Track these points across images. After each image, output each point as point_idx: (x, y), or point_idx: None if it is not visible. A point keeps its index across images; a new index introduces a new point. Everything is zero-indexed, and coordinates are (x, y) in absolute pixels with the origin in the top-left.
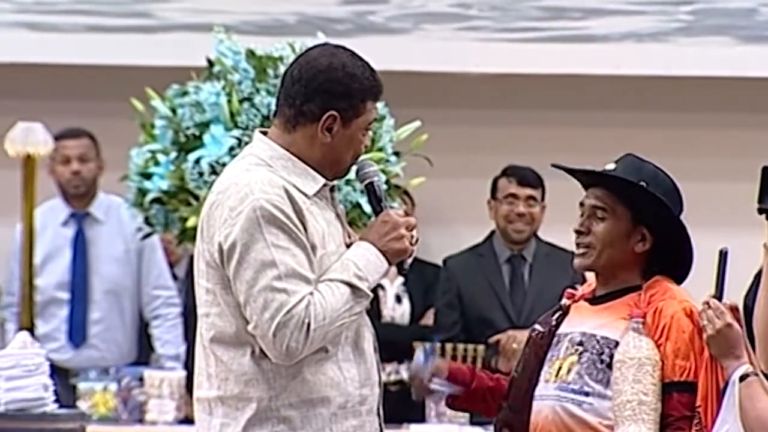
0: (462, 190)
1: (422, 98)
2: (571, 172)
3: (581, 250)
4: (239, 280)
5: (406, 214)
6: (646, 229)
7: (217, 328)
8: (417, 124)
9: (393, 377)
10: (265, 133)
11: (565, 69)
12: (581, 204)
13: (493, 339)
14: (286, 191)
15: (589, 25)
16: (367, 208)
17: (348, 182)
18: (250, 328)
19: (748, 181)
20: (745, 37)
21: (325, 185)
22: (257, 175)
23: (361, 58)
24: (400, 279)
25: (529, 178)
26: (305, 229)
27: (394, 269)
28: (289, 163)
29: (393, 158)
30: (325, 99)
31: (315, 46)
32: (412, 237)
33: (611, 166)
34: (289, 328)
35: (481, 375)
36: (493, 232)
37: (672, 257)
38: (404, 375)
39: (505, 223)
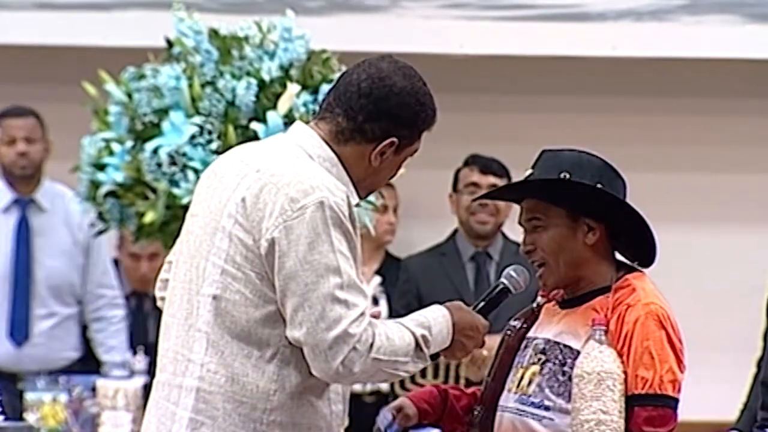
0: (447, 181)
1: None
2: (488, 197)
3: (539, 270)
4: (295, 281)
5: (384, 208)
6: (588, 219)
7: (227, 316)
8: None
9: (369, 387)
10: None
11: (557, 50)
12: (520, 223)
13: None
14: (348, 198)
15: (583, 3)
16: None
17: None
18: (298, 334)
19: (759, 173)
20: (754, 16)
21: (357, 204)
22: (320, 171)
23: (425, 83)
24: (377, 279)
25: (492, 166)
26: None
27: (372, 268)
28: (335, 170)
29: None
30: (390, 124)
31: (382, 58)
32: (474, 347)
33: (529, 172)
34: (348, 345)
35: (454, 396)
36: (456, 231)
37: (630, 238)
38: (381, 385)
39: (467, 216)
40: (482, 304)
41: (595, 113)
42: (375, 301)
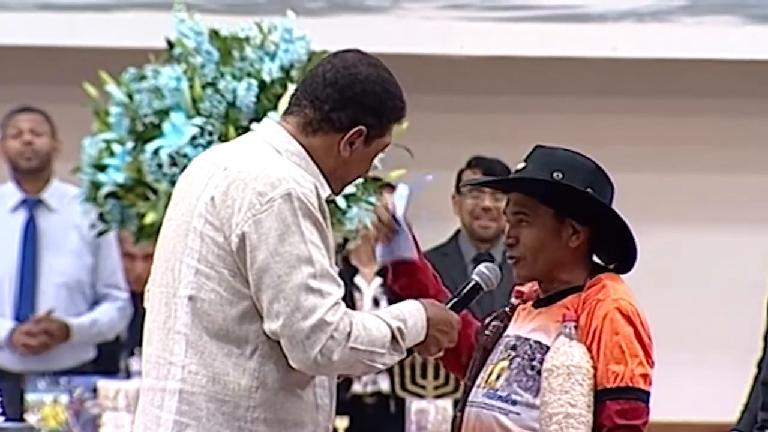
0: (447, 182)
1: (402, 83)
2: (482, 185)
3: (515, 261)
4: (268, 273)
5: (386, 209)
6: (574, 222)
7: (205, 316)
8: None
9: (370, 388)
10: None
11: (558, 51)
12: (504, 213)
13: None
14: (316, 189)
15: (584, 4)
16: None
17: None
18: (275, 326)
19: (759, 173)
20: (754, 16)
21: (328, 196)
22: (286, 164)
23: (393, 76)
24: (378, 280)
25: (495, 170)
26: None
27: (373, 269)
28: (303, 163)
29: None
30: (357, 111)
31: (347, 50)
32: (447, 343)
33: (522, 165)
34: (325, 333)
35: (436, 282)
36: (458, 231)
37: (613, 245)
38: (382, 386)
39: (470, 219)
40: (455, 300)
41: (595, 114)
42: (376, 302)
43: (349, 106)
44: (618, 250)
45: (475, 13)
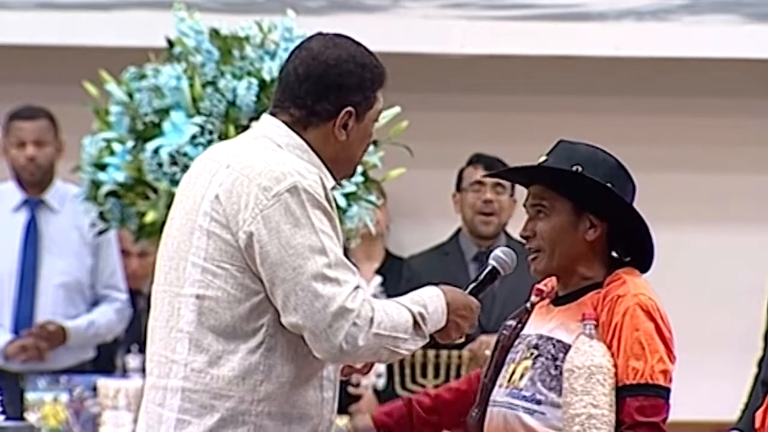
0: (443, 181)
1: (402, 82)
2: (498, 175)
3: (532, 255)
4: (282, 267)
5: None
6: (592, 215)
7: (211, 314)
8: (396, 110)
9: (370, 387)
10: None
11: (559, 50)
12: (524, 206)
13: (465, 349)
14: (321, 180)
15: (585, 2)
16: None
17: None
18: (295, 319)
19: (759, 173)
20: (754, 15)
21: (333, 187)
22: (289, 158)
23: (361, 44)
24: (378, 279)
25: (496, 165)
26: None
27: (372, 267)
28: (306, 155)
29: (370, 147)
30: (339, 96)
31: (310, 38)
32: (468, 328)
33: (543, 158)
34: (348, 320)
35: (417, 401)
36: (459, 230)
37: (630, 241)
38: (379, 384)
39: (472, 214)
40: (473, 285)
41: (595, 113)
42: None
43: (330, 94)
44: (636, 246)
45: (475, 12)
